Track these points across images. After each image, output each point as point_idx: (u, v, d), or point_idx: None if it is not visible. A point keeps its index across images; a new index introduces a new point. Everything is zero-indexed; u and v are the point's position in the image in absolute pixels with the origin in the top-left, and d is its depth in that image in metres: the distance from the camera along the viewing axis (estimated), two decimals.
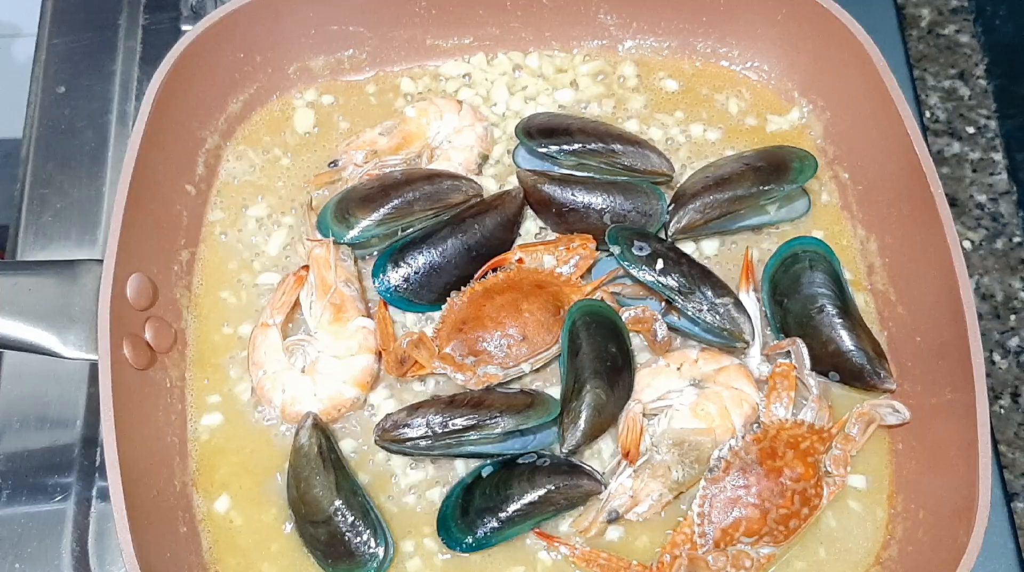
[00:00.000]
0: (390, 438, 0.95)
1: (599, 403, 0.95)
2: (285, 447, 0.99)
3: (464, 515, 0.93)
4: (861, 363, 0.99)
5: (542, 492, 0.93)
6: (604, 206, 1.05)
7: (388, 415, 0.97)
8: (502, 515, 0.92)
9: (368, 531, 0.92)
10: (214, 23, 1.06)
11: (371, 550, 0.92)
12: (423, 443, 0.94)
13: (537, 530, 0.95)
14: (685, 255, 1.02)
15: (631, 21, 1.17)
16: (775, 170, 1.05)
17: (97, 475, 1.04)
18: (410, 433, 0.94)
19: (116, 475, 0.86)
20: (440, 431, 0.93)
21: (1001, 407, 1.13)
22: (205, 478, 0.98)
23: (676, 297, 0.99)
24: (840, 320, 1.00)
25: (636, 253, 0.99)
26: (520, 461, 0.95)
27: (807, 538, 0.96)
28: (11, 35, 1.66)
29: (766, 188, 1.04)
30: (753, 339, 1.01)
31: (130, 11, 1.28)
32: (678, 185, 1.09)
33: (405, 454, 0.98)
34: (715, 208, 1.04)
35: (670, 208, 1.07)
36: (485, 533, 0.92)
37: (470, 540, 0.93)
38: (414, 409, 0.96)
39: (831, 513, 0.97)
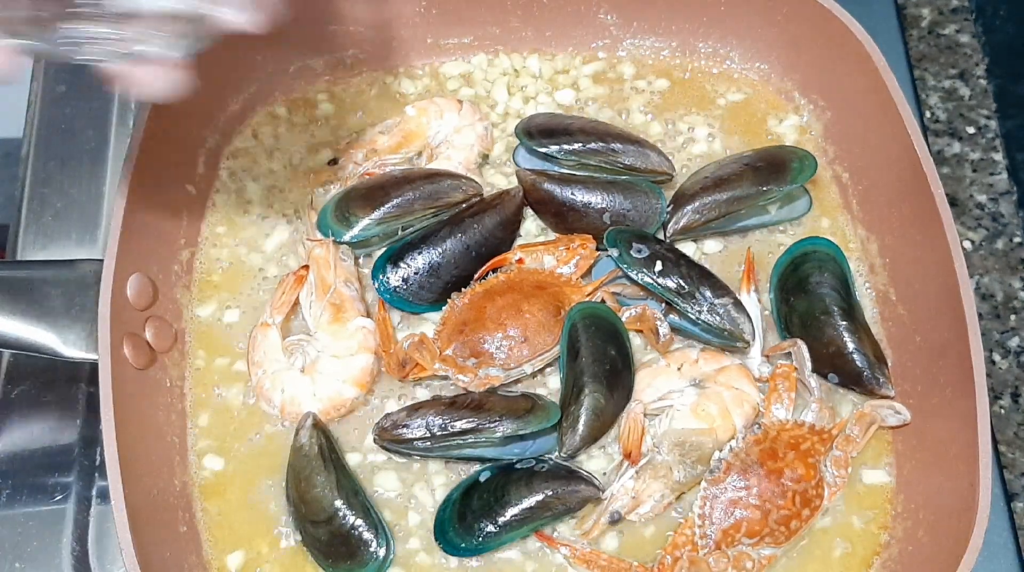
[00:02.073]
0: (389, 438, 0.95)
1: (598, 407, 0.95)
2: (284, 447, 0.99)
3: (461, 520, 0.93)
4: (861, 367, 0.99)
5: (540, 497, 0.92)
6: (604, 205, 1.05)
7: (387, 414, 0.97)
8: (500, 520, 0.92)
9: (369, 531, 0.92)
10: None
11: (372, 550, 0.92)
12: (421, 444, 0.94)
13: (538, 532, 0.95)
14: (684, 256, 1.02)
15: (632, 21, 1.17)
16: (774, 170, 1.05)
17: (97, 475, 1.04)
18: (409, 434, 0.94)
19: (116, 475, 0.86)
20: (439, 433, 0.93)
21: (1001, 407, 1.13)
22: (205, 478, 0.98)
23: (675, 298, 0.99)
24: (844, 322, 1.00)
25: (635, 255, 0.99)
26: (518, 466, 0.95)
27: (807, 538, 0.96)
28: None
29: (765, 189, 1.03)
30: (753, 339, 1.01)
31: None
32: (678, 185, 1.09)
33: (403, 455, 0.98)
34: (714, 209, 1.04)
35: (669, 208, 1.07)
36: (482, 538, 0.92)
37: (467, 545, 0.92)
38: (414, 410, 0.96)
39: (831, 513, 0.97)
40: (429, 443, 0.94)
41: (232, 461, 0.99)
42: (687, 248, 1.08)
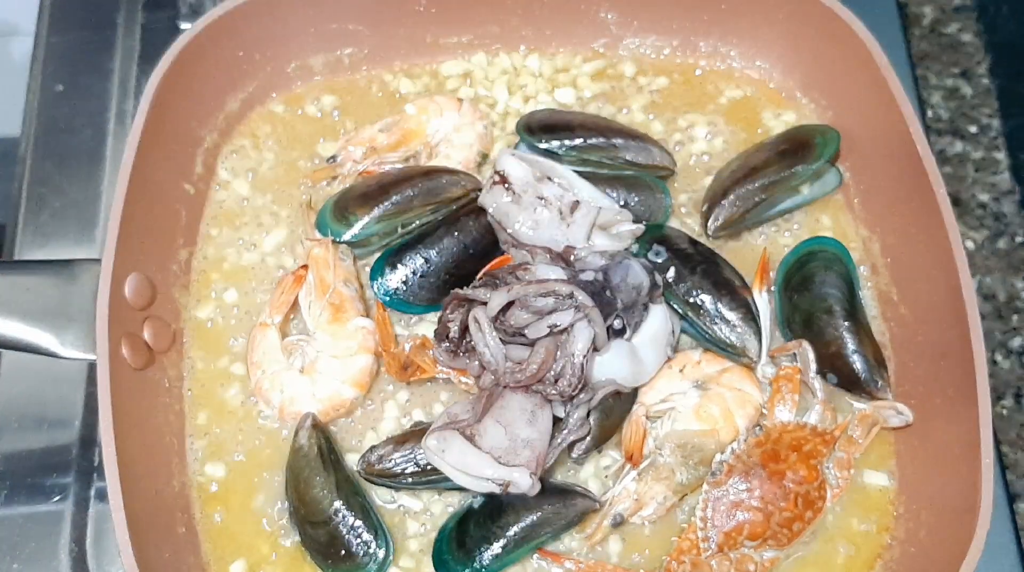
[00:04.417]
0: (375, 472, 0.94)
1: (606, 408, 0.94)
2: (283, 447, 0.98)
3: (460, 547, 0.91)
4: (860, 369, 0.98)
5: (537, 515, 0.92)
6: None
7: (373, 448, 0.96)
8: (500, 542, 0.91)
9: (369, 532, 0.92)
10: (212, 21, 1.05)
11: (371, 551, 0.92)
12: (409, 479, 0.94)
13: (541, 549, 0.94)
14: (703, 262, 1.02)
15: (632, 20, 1.17)
16: (800, 150, 1.06)
17: (95, 475, 1.04)
18: (395, 469, 0.94)
19: (114, 475, 0.86)
20: (426, 466, 0.93)
21: (1004, 408, 1.12)
22: (203, 479, 0.98)
23: (685, 309, 0.99)
24: (846, 323, 0.99)
25: (652, 258, 0.99)
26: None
27: (810, 541, 0.95)
28: (9, 34, 1.65)
29: (794, 169, 1.04)
30: (758, 357, 1.00)
31: (128, 9, 1.28)
32: (678, 178, 1.09)
33: (390, 488, 0.97)
34: (748, 198, 1.05)
35: (704, 209, 1.07)
36: (485, 562, 0.91)
37: (471, 570, 0.91)
38: (400, 442, 0.95)
39: (834, 515, 0.97)
40: (416, 477, 0.93)
41: (230, 462, 0.99)
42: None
